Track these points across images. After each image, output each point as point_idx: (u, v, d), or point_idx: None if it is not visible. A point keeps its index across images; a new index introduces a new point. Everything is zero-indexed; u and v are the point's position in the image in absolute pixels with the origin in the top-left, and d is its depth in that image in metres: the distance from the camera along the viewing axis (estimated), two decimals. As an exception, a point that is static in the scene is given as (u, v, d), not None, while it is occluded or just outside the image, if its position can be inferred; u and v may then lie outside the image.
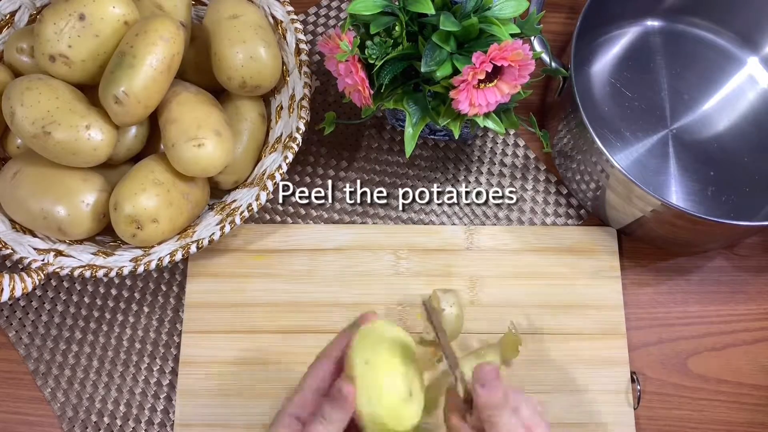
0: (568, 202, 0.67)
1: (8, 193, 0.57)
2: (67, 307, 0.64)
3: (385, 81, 0.52)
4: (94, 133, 0.54)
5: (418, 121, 0.54)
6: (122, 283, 0.65)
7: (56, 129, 0.53)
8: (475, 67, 0.48)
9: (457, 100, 0.50)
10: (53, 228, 0.57)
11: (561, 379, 0.61)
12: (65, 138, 0.53)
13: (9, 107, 0.54)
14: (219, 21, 0.60)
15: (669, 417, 0.61)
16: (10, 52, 0.61)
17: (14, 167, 0.57)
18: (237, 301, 0.63)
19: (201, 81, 0.62)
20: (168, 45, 0.54)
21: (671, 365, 0.63)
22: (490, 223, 0.67)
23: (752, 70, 0.70)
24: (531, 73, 0.51)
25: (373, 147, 0.69)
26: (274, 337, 0.62)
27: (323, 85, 0.71)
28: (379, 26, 0.49)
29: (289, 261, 0.64)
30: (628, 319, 0.63)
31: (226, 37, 0.59)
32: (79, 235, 0.58)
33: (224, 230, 0.57)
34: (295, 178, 0.68)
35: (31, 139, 0.54)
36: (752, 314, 0.64)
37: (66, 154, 0.54)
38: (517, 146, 0.69)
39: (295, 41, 0.62)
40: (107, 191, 0.58)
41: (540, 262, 0.64)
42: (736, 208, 0.64)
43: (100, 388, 0.62)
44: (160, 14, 0.57)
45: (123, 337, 0.63)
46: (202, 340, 0.62)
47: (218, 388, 0.61)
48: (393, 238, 0.65)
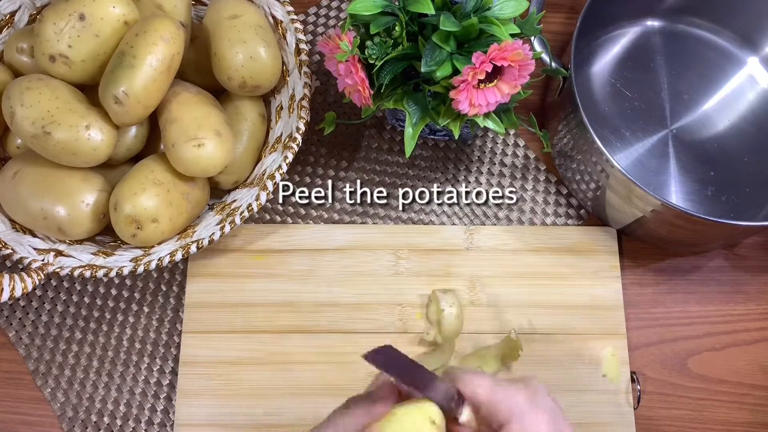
0: (568, 202, 0.67)
1: (8, 193, 0.57)
2: (67, 307, 0.64)
3: (385, 81, 0.51)
4: (94, 133, 0.54)
5: (418, 121, 0.54)
6: (122, 283, 0.65)
7: (56, 129, 0.53)
8: (475, 67, 0.48)
9: (457, 100, 0.50)
10: (53, 228, 0.57)
11: (561, 379, 0.61)
12: (65, 138, 0.53)
13: (9, 107, 0.54)
14: (219, 21, 0.60)
15: (669, 417, 0.61)
16: (10, 52, 0.61)
17: (14, 167, 0.57)
18: (237, 301, 0.63)
19: (201, 81, 0.62)
20: (168, 45, 0.54)
21: (671, 365, 0.63)
22: (490, 223, 0.67)
23: (752, 70, 0.70)
24: (531, 73, 0.51)
25: (373, 147, 0.69)
26: (273, 337, 0.62)
27: (323, 85, 0.71)
28: (379, 26, 0.49)
29: (289, 261, 0.64)
30: (628, 319, 0.63)
31: (226, 37, 0.59)
32: (79, 235, 0.58)
33: (224, 230, 0.57)
34: (295, 178, 0.68)
35: (31, 139, 0.54)
36: (752, 314, 0.64)
37: (66, 154, 0.54)
38: (517, 146, 0.69)
39: (295, 41, 0.62)
40: (107, 191, 0.58)
41: (540, 262, 0.64)
42: (736, 208, 0.64)
43: (100, 388, 0.62)
44: (160, 14, 0.57)
45: (123, 337, 0.63)
46: (202, 340, 0.62)
47: (218, 388, 0.61)
48: (393, 238, 0.65)
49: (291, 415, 0.60)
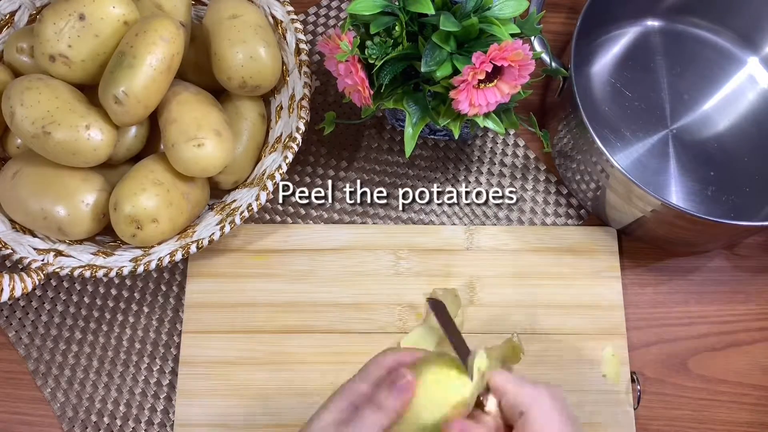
0: (568, 202, 0.67)
1: (8, 193, 0.57)
2: (67, 307, 0.64)
3: (385, 81, 0.51)
4: (94, 133, 0.54)
5: (418, 121, 0.54)
6: (122, 284, 0.65)
7: (56, 129, 0.53)
8: (475, 67, 0.48)
9: (457, 100, 0.50)
10: (53, 228, 0.57)
11: (561, 379, 0.61)
12: (65, 138, 0.53)
13: (9, 107, 0.54)
14: (219, 21, 0.60)
15: (669, 417, 0.61)
16: (9, 52, 0.61)
17: (14, 167, 0.57)
18: (237, 301, 0.63)
19: (201, 81, 0.62)
20: (168, 45, 0.54)
21: (671, 365, 0.63)
22: (490, 223, 0.67)
23: (752, 70, 0.70)
24: (531, 74, 0.51)
25: (373, 147, 0.69)
26: (273, 337, 0.62)
27: (323, 85, 0.71)
28: (379, 26, 0.49)
29: (289, 261, 0.64)
30: (628, 319, 0.63)
31: (226, 37, 0.59)
32: (79, 234, 0.58)
33: (224, 230, 0.57)
34: (295, 178, 0.68)
35: (31, 139, 0.54)
36: (752, 314, 0.64)
37: (66, 154, 0.54)
38: (517, 146, 0.69)
39: (295, 41, 0.62)
40: (107, 191, 0.58)
41: (540, 262, 0.64)
42: (736, 208, 0.64)
43: (100, 388, 0.62)
44: (159, 14, 0.57)
45: (123, 337, 0.63)
46: (202, 340, 0.62)
47: (218, 388, 0.61)
48: (393, 238, 0.65)
49: (291, 415, 0.60)
